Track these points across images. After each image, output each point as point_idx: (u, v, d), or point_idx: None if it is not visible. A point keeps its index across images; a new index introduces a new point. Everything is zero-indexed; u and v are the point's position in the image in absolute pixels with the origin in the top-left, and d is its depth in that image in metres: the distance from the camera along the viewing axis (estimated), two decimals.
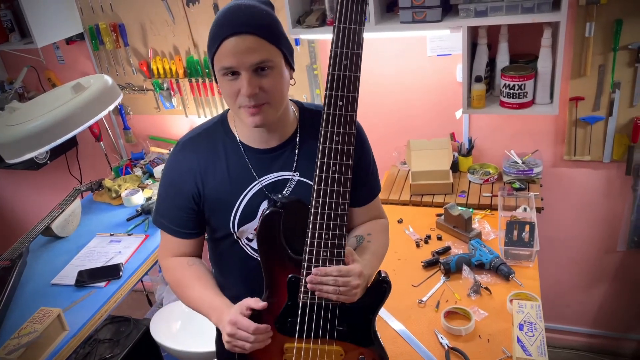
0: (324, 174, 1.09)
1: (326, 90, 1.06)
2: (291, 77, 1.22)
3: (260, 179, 1.26)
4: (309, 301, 1.17)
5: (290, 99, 1.31)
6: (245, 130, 1.27)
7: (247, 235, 1.31)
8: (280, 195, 1.23)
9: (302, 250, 1.14)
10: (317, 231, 1.11)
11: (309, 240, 1.12)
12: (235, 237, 1.32)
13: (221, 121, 1.32)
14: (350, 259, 1.16)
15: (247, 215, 1.28)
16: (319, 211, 1.10)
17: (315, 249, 1.12)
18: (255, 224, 1.29)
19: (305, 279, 1.14)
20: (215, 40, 1.12)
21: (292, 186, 1.27)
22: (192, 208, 1.31)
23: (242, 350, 1.16)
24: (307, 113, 1.32)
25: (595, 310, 2.64)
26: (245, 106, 1.15)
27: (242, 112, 1.17)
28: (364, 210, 1.38)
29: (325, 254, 1.12)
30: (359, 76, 1.05)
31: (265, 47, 1.11)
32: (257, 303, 1.16)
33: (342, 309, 1.19)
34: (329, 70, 1.05)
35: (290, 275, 1.17)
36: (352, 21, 1.02)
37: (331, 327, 1.20)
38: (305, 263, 1.14)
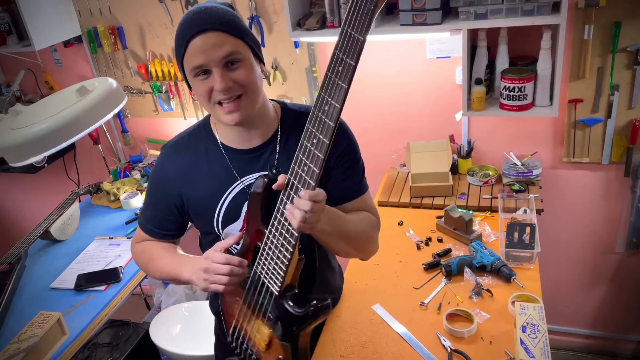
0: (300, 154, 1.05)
1: (320, 91, 1.03)
2: (262, 71, 1.23)
3: (242, 179, 1.28)
4: (259, 273, 1.19)
5: (272, 99, 1.33)
6: (227, 132, 1.29)
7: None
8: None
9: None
10: (286, 194, 1.09)
11: (279, 205, 1.10)
12: (221, 239, 1.34)
13: (204, 124, 1.34)
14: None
15: (230, 216, 1.30)
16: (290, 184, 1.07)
17: (280, 213, 1.10)
18: (239, 224, 1.31)
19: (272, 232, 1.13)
20: (182, 43, 1.15)
21: None
22: (174, 211, 1.35)
23: (218, 287, 1.16)
24: (290, 113, 1.32)
25: (593, 311, 2.64)
26: (221, 101, 1.16)
27: (218, 110, 1.18)
28: (350, 205, 1.35)
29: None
30: (348, 88, 0.97)
31: (230, 41, 1.14)
32: (226, 243, 1.19)
33: (277, 300, 1.18)
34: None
35: (257, 242, 1.19)
36: (357, 29, 0.94)
37: (265, 309, 1.22)
38: (272, 226, 1.13)
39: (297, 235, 1.08)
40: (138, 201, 2.55)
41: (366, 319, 1.65)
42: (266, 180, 1.13)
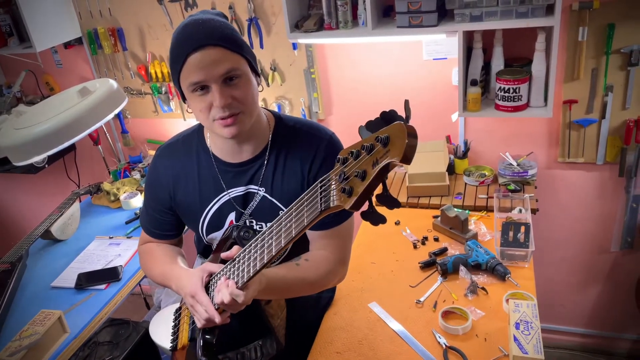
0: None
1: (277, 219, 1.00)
2: (259, 84, 1.22)
3: (229, 191, 1.30)
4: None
5: (267, 109, 1.33)
6: (218, 144, 1.30)
7: (217, 243, 1.35)
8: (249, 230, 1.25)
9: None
10: (228, 267, 1.12)
11: (223, 269, 1.13)
12: (205, 242, 1.38)
13: (197, 131, 1.35)
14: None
15: (214, 225, 1.33)
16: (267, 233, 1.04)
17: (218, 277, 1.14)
18: (222, 232, 1.34)
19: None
20: (179, 59, 1.12)
21: (258, 200, 1.29)
22: (167, 212, 1.38)
23: (197, 323, 1.17)
24: (283, 128, 1.30)
25: (589, 310, 2.67)
26: (220, 118, 1.15)
27: (216, 125, 1.17)
28: (317, 235, 1.31)
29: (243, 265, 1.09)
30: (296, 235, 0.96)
31: (230, 57, 1.12)
32: (214, 268, 1.17)
33: (196, 330, 1.23)
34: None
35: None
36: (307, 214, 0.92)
37: (192, 323, 1.27)
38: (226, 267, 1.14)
39: (216, 305, 1.11)
40: (138, 201, 2.57)
41: (363, 316, 1.67)
42: (234, 234, 1.20)
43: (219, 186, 1.30)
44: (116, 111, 2.33)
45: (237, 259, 1.10)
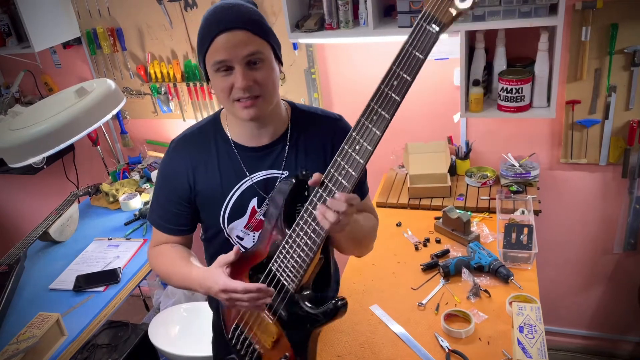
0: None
1: (371, 101, 1.03)
2: (280, 72, 1.26)
3: (252, 176, 1.30)
4: (276, 271, 1.20)
5: (282, 99, 1.35)
6: (237, 129, 1.31)
7: (237, 233, 1.34)
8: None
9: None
10: (317, 196, 1.08)
11: (307, 205, 1.10)
12: (225, 234, 1.35)
13: (214, 120, 1.36)
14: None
15: (237, 211, 1.31)
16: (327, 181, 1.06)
17: (309, 213, 1.11)
18: (244, 221, 1.32)
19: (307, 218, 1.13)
20: (206, 39, 1.16)
21: None
22: (184, 204, 1.35)
23: (242, 308, 1.20)
24: (299, 113, 1.35)
25: (591, 312, 2.65)
26: (240, 99, 1.18)
27: (235, 106, 1.20)
28: None
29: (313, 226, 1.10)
30: (401, 102, 1.01)
31: (255, 41, 1.16)
32: (228, 257, 1.19)
33: (292, 298, 1.20)
34: (380, 84, 1.03)
35: (276, 240, 1.20)
36: (420, 49, 0.95)
37: (277, 306, 1.23)
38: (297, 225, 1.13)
39: (324, 235, 1.09)
40: (137, 202, 2.55)
41: (364, 319, 1.66)
42: (294, 181, 1.16)
43: (240, 172, 1.30)
44: (114, 112, 2.31)
45: (324, 183, 1.06)
